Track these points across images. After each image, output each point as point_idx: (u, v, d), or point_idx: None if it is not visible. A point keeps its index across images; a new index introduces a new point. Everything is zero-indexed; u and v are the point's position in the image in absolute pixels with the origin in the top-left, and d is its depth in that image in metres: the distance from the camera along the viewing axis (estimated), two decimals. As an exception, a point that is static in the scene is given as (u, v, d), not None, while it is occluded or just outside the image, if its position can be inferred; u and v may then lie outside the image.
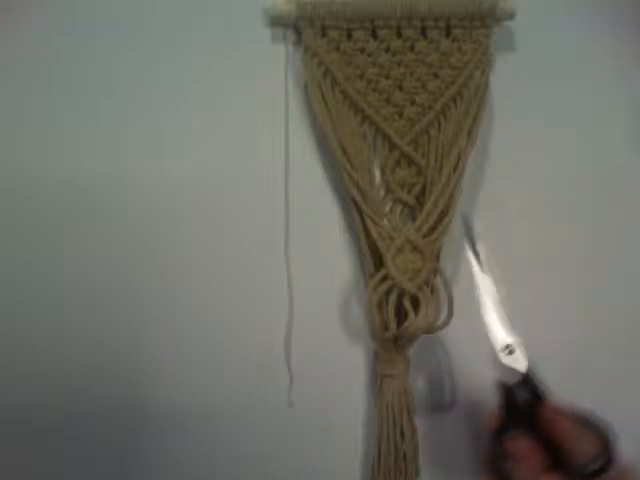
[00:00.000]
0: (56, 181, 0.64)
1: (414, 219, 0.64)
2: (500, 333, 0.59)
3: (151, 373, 0.63)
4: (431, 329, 0.61)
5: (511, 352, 0.59)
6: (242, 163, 0.65)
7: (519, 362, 0.58)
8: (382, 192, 0.65)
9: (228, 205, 0.65)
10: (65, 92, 0.65)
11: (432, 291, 0.61)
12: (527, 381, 0.58)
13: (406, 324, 0.60)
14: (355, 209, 0.63)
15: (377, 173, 0.65)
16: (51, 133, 0.65)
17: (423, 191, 0.64)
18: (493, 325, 0.60)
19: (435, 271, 0.62)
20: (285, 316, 0.64)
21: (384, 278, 0.61)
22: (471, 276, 0.63)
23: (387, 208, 0.64)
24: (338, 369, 0.64)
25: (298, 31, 0.65)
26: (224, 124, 0.65)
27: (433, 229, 0.62)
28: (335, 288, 0.65)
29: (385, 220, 0.63)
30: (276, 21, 0.65)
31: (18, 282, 0.63)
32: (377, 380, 0.63)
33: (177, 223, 0.64)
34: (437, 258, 0.63)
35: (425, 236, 0.62)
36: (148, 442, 0.63)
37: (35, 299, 0.63)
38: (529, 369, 0.58)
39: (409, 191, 0.64)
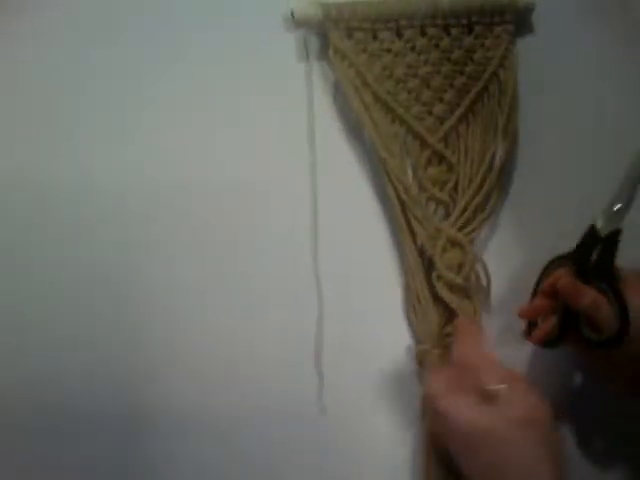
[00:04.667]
0: (54, 183, 0.63)
1: (447, 216, 0.65)
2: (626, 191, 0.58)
3: (151, 376, 0.63)
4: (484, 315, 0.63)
5: (620, 212, 0.58)
6: (269, 164, 0.65)
7: (616, 223, 0.58)
8: (416, 191, 0.65)
9: (252, 206, 0.65)
10: (76, 92, 0.64)
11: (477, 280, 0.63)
12: (611, 239, 0.58)
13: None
14: (399, 211, 0.64)
15: (409, 172, 0.65)
16: (46, 135, 0.64)
17: (455, 188, 0.65)
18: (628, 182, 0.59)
19: (475, 261, 0.64)
20: (315, 319, 0.64)
21: (438, 278, 0.63)
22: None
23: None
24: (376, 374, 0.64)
25: (321, 34, 0.65)
26: (247, 127, 0.65)
27: (468, 223, 0.64)
28: (368, 293, 0.65)
29: (428, 219, 0.64)
30: (301, 23, 0.65)
31: (18, 285, 0.63)
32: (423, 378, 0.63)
33: (172, 226, 0.64)
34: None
35: (460, 230, 0.63)
36: (149, 444, 0.63)
37: (34, 302, 0.63)
38: (618, 232, 0.58)
39: (441, 188, 0.65)
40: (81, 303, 0.63)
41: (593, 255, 0.59)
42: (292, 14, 0.64)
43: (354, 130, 0.65)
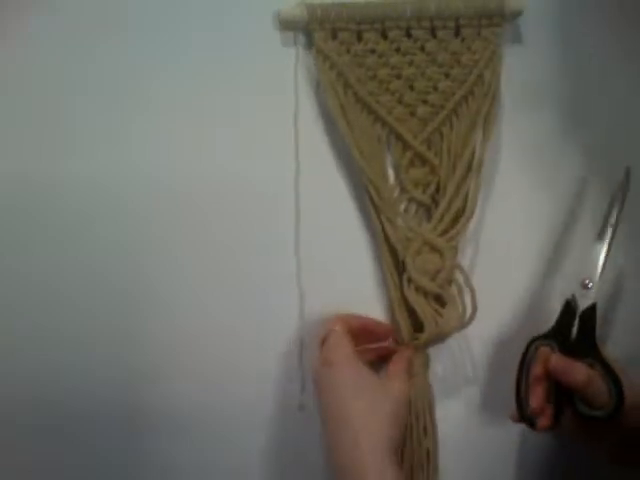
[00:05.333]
0: (54, 183, 0.64)
1: (430, 218, 0.65)
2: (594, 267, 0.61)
3: (150, 376, 0.64)
4: (461, 326, 0.62)
5: (592, 288, 0.60)
6: (253, 164, 0.65)
7: (590, 298, 0.60)
8: (397, 192, 0.65)
9: (236, 206, 0.65)
10: (74, 91, 0.64)
11: (456, 289, 0.63)
12: (588, 315, 0.60)
13: (440, 325, 0.62)
14: (373, 210, 0.64)
15: (391, 173, 0.65)
16: (46, 135, 0.64)
17: (438, 190, 0.65)
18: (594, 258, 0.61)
19: (455, 268, 0.63)
20: (297, 318, 0.65)
21: (408, 281, 0.63)
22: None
23: (402, 208, 0.65)
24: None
25: (308, 34, 0.65)
26: (234, 126, 0.65)
27: (450, 228, 0.64)
28: (348, 290, 0.65)
29: (401, 221, 0.64)
30: (286, 25, 0.65)
31: (18, 285, 0.63)
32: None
33: (171, 226, 0.64)
34: (455, 256, 0.64)
35: (441, 235, 0.63)
36: (149, 444, 0.64)
37: (34, 302, 0.63)
38: (594, 306, 0.60)
39: (424, 190, 0.65)
40: (81, 303, 0.64)
41: (573, 330, 0.60)
42: (278, 15, 0.64)
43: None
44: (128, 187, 0.64)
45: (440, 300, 0.63)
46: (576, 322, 0.60)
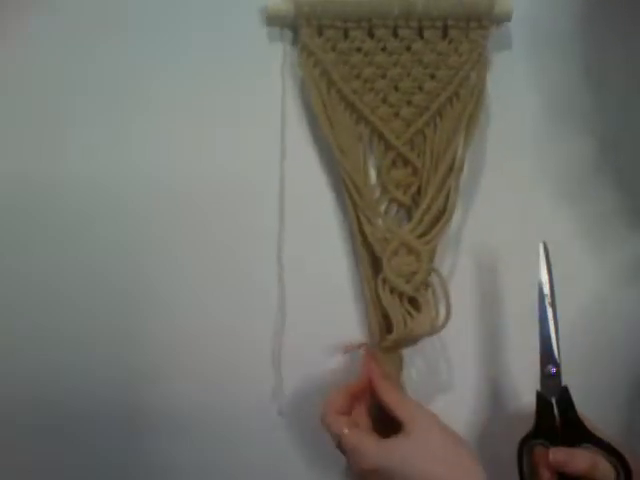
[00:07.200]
0: (54, 183, 0.64)
1: (410, 220, 0.64)
2: (551, 354, 0.60)
3: (150, 376, 0.64)
4: (433, 330, 0.61)
5: (558, 374, 0.60)
6: (238, 162, 0.65)
7: (558, 383, 0.59)
8: (378, 192, 0.65)
9: (221, 206, 0.65)
10: (69, 90, 0.64)
11: (432, 292, 0.62)
12: (564, 401, 0.59)
13: (410, 327, 0.61)
14: (352, 209, 0.64)
15: (373, 173, 0.65)
16: (46, 135, 0.64)
17: (419, 191, 0.65)
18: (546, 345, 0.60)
19: (431, 271, 0.63)
20: (276, 319, 0.65)
21: (383, 281, 0.62)
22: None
23: (382, 208, 0.65)
24: (329, 373, 0.65)
25: (295, 30, 0.64)
26: (220, 124, 0.65)
27: (429, 230, 0.63)
28: (328, 292, 0.65)
29: (380, 221, 0.63)
30: (273, 20, 0.65)
31: (19, 285, 0.63)
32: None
33: (170, 226, 0.65)
34: (432, 259, 0.63)
35: (420, 237, 0.63)
36: (149, 444, 0.64)
37: (34, 302, 0.63)
38: (566, 389, 0.59)
39: (405, 192, 0.65)
40: (81, 303, 0.64)
41: (556, 418, 0.59)
42: (266, 10, 0.64)
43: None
44: (128, 187, 0.64)
45: (415, 303, 0.62)
46: (555, 411, 0.59)
